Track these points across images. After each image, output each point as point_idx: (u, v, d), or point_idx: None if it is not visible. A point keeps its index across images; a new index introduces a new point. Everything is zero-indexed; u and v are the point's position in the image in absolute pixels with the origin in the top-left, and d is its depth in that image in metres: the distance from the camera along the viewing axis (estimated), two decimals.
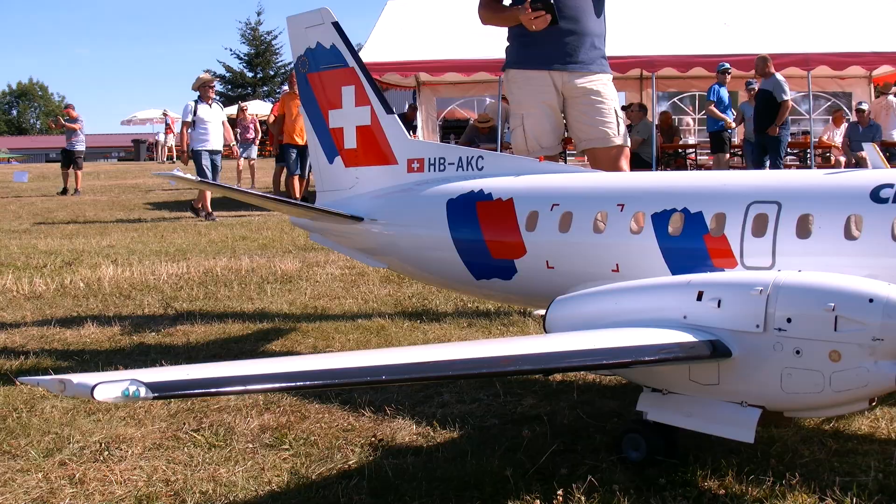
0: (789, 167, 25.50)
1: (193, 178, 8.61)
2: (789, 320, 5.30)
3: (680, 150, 25.82)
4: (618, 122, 9.62)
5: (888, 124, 25.01)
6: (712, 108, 22.52)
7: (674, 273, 6.53)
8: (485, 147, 22.85)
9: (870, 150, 7.04)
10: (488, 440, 6.53)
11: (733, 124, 22.61)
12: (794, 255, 6.21)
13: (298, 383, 4.52)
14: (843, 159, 22.78)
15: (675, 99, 32.25)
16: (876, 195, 6.09)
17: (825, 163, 24.61)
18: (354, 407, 7.33)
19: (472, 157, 8.38)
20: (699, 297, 5.65)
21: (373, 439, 6.62)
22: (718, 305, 5.56)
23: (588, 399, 7.44)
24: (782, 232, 6.26)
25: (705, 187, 6.91)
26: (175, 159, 55.12)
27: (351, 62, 9.28)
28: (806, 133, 26.52)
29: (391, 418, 7.09)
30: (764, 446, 6.22)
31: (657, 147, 23.42)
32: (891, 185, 6.11)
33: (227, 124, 24.08)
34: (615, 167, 9.55)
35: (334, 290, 12.50)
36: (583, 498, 5.37)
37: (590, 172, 8.24)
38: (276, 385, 4.50)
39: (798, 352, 5.28)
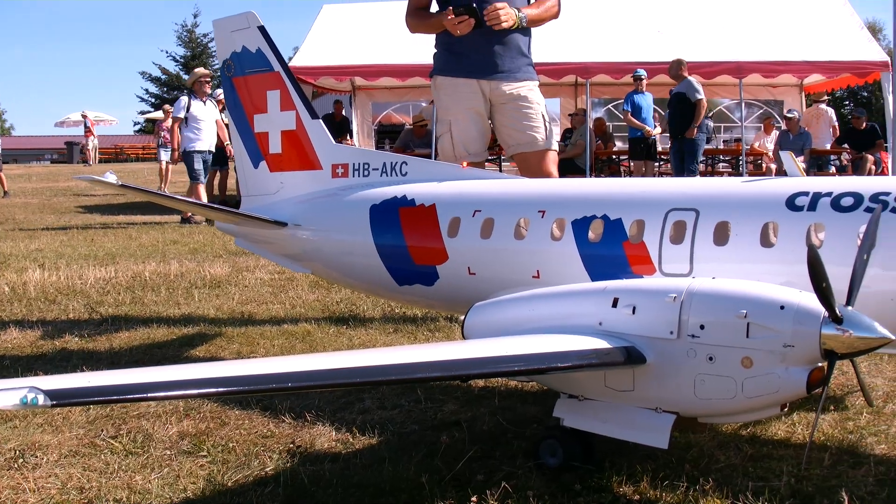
0: (721, 174, 25.77)
1: (114, 182, 8.48)
2: (702, 327, 5.34)
3: (613, 157, 25.96)
4: (545, 126, 9.66)
5: (819, 133, 25.31)
6: (629, 116, 22.64)
7: (594, 280, 6.55)
8: (419, 151, 22.89)
9: (786, 159, 7.13)
10: (407, 446, 6.51)
11: (652, 131, 22.65)
12: (712, 261, 6.27)
13: (199, 391, 4.50)
14: (773, 167, 22.99)
15: (609, 105, 32.49)
16: (791, 203, 6.18)
17: (757, 170, 24.84)
18: (275, 413, 7.28)
19: (397, 162, 8.38)
20: (614, 304, 5.68)
21: (291, 446, 6.60)
22: (633, 312, 5.58)
23: (509, 405, 7.45)
24: (700, 239, 6.32)
25: (625, 194, 6.95)
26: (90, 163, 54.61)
27: (276, 66, 9.23)
28: (738, 140, 26.79)
29: (311, 424, 7.05)
30: (680, 451, 6.26)
31: (592, 153, 23.55)
32: (806, 193, 6.19)
33: (222, 123, 22.57)
34: (544, 171, 9.58)
35: (263, 296, 12.42)
36: None
37: (512, 179, 8.25)
38: (177, 392, 4.47)
39: (711, 358, 5.32)
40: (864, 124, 23.43)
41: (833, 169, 23.81)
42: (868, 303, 5.78)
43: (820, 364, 5.23)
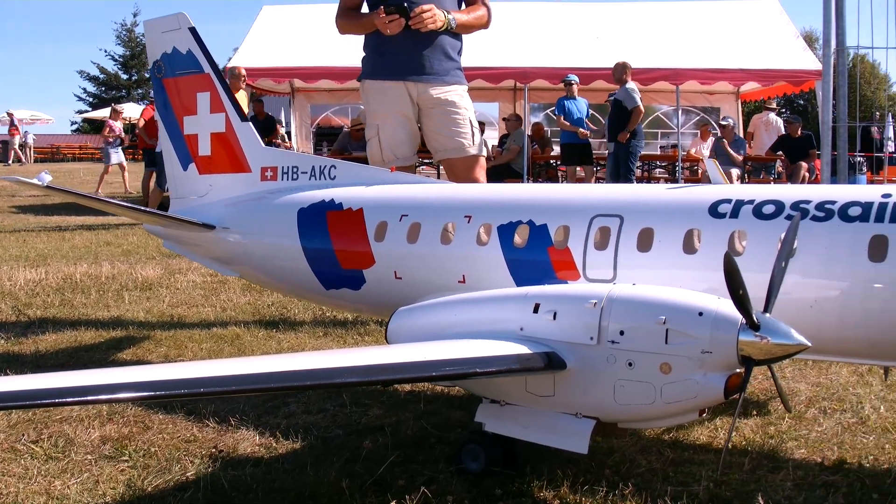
0: (658, 179, 25.95)
1: (39, 182, 8.37)
2: (622, 333, 5.37)
3: (551, 162, 26.05)
4: (473, 132, 9.67)
5: (763, 140, 25.54)
6: (561, 120, 22.72)
7: (519, 285, 6.56)
8: (357, 154, 22.80)
9: (710, 166, 7.18)
10: (330, 451, 6.49)
11: (586, 132, 22.65)
12: (636, 268, 6.32)
13: (120, 395, 4.45)
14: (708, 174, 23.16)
15: (548, 111, 32.58)
16: (714, 210, 6.24)
17: (693, 176, 25.02)
18: (199, 417, 7.23)
19: (325, 166, 8.35)
20: (536, 310, 5.69)
21: (214, 450, 6.55)
22: (554, 318, 5.60)
23: (435, 409, 7.45)
24: (624, 245, 6.36)
25: (551, 200, 6.98)
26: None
27: (207, 68, 9.17)
28: (675, 147, 26.99)
29: (235, 429, 7.01)
30: (602, 456, 6.29)
31: (529, 158, 23.58)
32: (728, 201, 6.25)
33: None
34: (471, 177, 9.60)
35: (194, 298, 12.33)
36: None
37: (440, 183, 8.26)
38: (98, 397, 4.42)
39: (630, 364, 5.35)
40: (800, 132, 23.67)
41: (774, 176, 24.08)
42: (788, 309, 5.85)
43: (738, 370, 5.28)
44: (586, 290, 5.73)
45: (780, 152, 23.93)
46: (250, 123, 9.04)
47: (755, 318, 5.14)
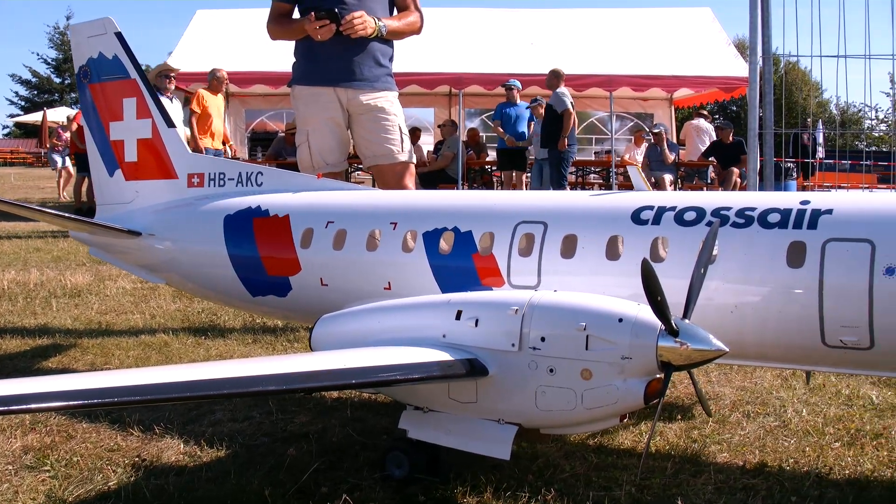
0: (592, 185, 26.10)
1: None
2: (543, 339, 5.40)
3: (487, 167, 26.11)
4: (402, 138, 9.68)
5: (695, 146, 25.74)
6: (498, 126, 22.77)
7: (444, 291, 6.58)
8: (292, 160, 22.68)
9: (633, 173, 7.24)
10: (254, 459, 6.46)
11: (514, 140, 22.65)
12: (559, 274, 6.36)
13: (40, 405, 4.43)
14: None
15: (483, 116, 32.69)
16: (637, 217, 6.30)
17: (627, 181, 25.19)
18: (123, 426, 7.17)
19: (252, 172, 8.32)
20: (458, 317, 5.71)
21: (137, 459, 6.49)
22: (476, 324, 5.62)
23: (361, 416, 7.44)
24: (548, 251, 6.40)
25: (476, 207, 7.00)
26: None
27: (133, 74, 9.09)
28: (608, 152, 27.18)
29: (159, 437, 6.95)
30: (527, 462, 6.32)
31: (463, 164, 23.61)
32: (651, 207, 6.31)
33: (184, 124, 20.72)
34: (400, 184, 9.61)
35: (123, 305, 12.22)
36: None
37: (366, 190, 8.24)
38: (18, 407, 4.37)
39: (552, 370, 5.38)
40: (731, 138, 23.89)
41: (707, 181, 24.28)
42: (709, 315, 5.93)
43: (658, 375, 5.33)
44: (508, 296, 5.76)
45: (713, 158, 24.14)
46: (177, 130, 8.97)
47: (674, 324, 5.19)
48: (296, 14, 9.67)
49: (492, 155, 25.65)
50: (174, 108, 19.71)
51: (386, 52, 9.78)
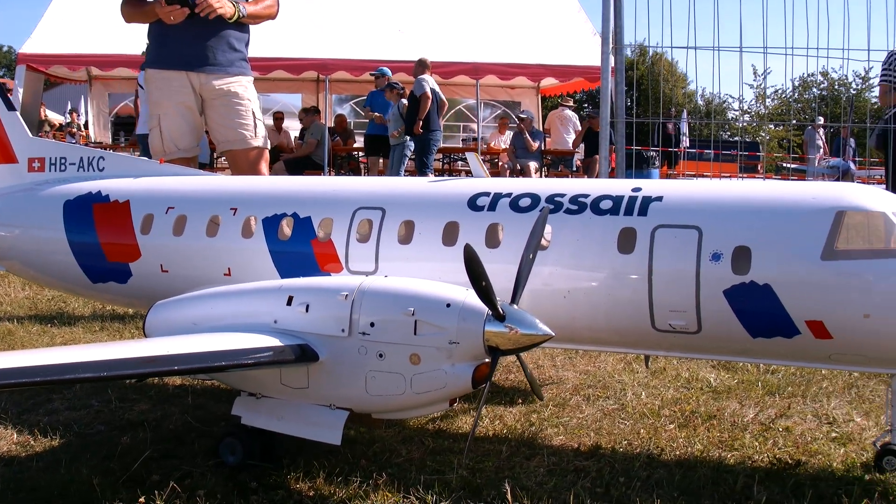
0: (459, 173, 26.19)
1: None
2: (373, 325, 5.44)
3: (354, 154, 26.01)
4: (256, 124, 9.62)
5: (560, 134, 25.98)
6: (369, 112, 22.72)
7: (283, 277, 6.57)
8: None
9: (472, 160, 7.31)
10: (88, 448, 6.37)
11: (385, 119, 22.55)
12: (397, 260, 6.40)
13: None
14: (508, 166, 23.47)
15: (351, 102, 32.55)
16: (473, 203, 6.36)
17: (493, 168, 25.34)
18: None
19: (93, 157, 8.18)
20: (289, 302, 5.71)
21: None
22: (307, 310, 5.63)
23: (202, 403, 7.40)
24: (385, 237, 6.44)
25: (316, 193, 7.00)
26: None
27: None
28: (475, 139, 27.33)
29: None
30: (363, 447, 6.35)
31: (329, 150, 23.47)
32: (487, 194, 6.39)
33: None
34: (254, 169, 9.56)
35: None
36: None
37: (208, 176, 8.18)
38: None
39: (381, 355, 5.43)
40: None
41: (573, 169, 24.54)
42: (543, 300, 6.03)
43: (486, 360, 5.40)
44: (338, 282, 5.79)
45: (583, 145, 24.41)
46: (17, 113, 8.76)
47: (500, 309, 5.27)
48: None
49: (360, 141, 25.56)
50: None
51: (241, 38, 9.71)
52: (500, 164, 24.62)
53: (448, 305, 5.36)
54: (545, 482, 5.83)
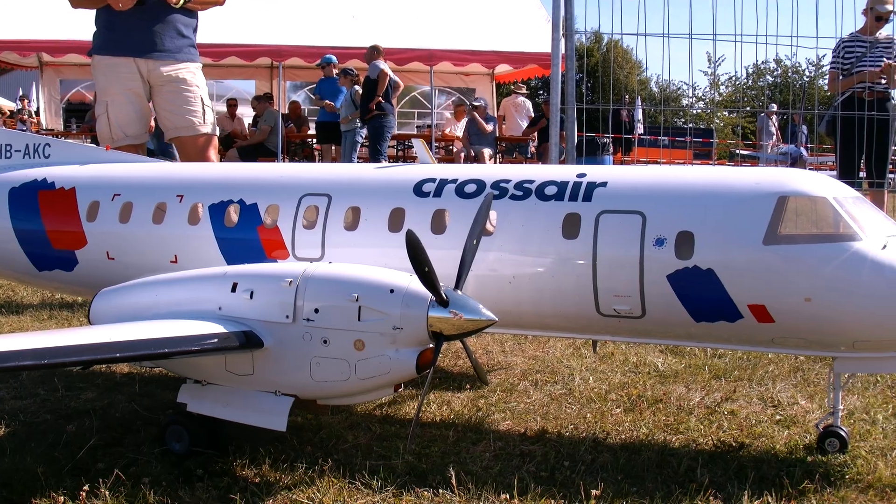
0: (414, 159, 26.14)
1: None
2: (317, 311, 5.45)
3: (308, 141, 25.93)
4: (204, 110, 9.60)
5: (515, 121, 26.00)
6: (318, 99, 22.63)
7: (230, 264, 6.55)
8: None
9: (418, 146, 7.34)
10: (34, 437, 6.33)
11: (336, 107, 22.43)
12: (343, 246, 6.42)
13: None
14: (462, 153, 23.50)
15: (306, 89, 32.39)
16: (419, 189, 6.38)
17: (448, 155, 25.34)
18: None
19: (39, 144, 8.12)
20: (233, 289, 5.70)
21: None
22: (251, 297, 5.62)
23: (150, 391, 7.37)
24: (332, 224, 6.45)
25: (262, 179, 6.99)
26: None
27: None
28: (430, 126, 27.31)
29: None
30: (310, 434, 6.35)
31: (283, 137, 23.37)
32: (433, 180, 6.41)
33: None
34: (202, 156, 9.55)
35: None
36: (107, 493, 5.27)
37: (154, 162, 8.14)
38: None
39: (325, 341, 5.43)
40: None
41: (528, 155, 24.58)
42: (489, 285, 6.06)
43: (430, 346, 5.42)
44: (282, 269, 5.78)
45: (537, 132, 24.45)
46: None
47: (444, 295, 5.29)
48: None
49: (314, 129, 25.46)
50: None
51: (189, 24, 9.69)
52: (454, 150, 24.64)
53: (392, 291, 5.38)
54: (490, 467, 5.85)
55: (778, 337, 5.79)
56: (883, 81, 12.38)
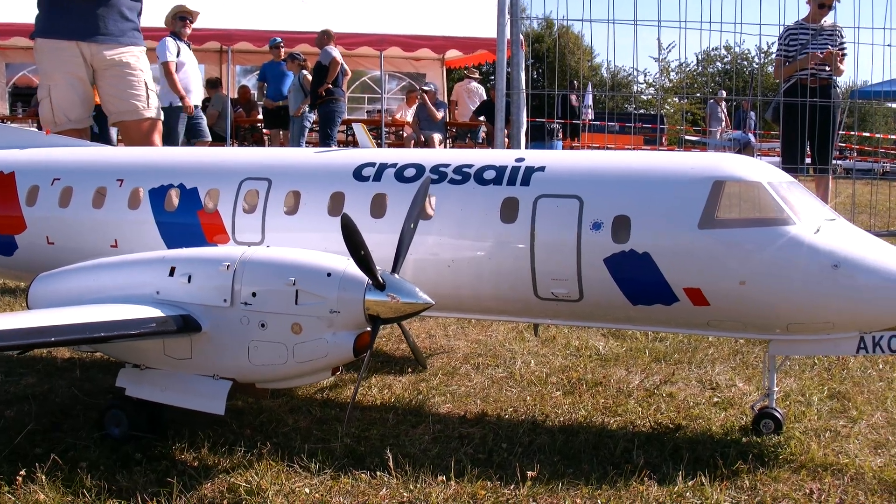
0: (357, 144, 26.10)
1: None
2: (255, 295, 5.46)
3: (257, 125, 25.83)
4: (148, 94, 9.57)
5: (467, 107, 26.02)
6: (261, 85, 22.57)
7: (170, 248, 6.55)
8: None
9: (358, 130, 7.36)
10: None
11: (272, 103, 22.39)
12: (283, 230, 6.45)
13: None
14: (413, 139, 23.53)
15: (255, 73, 32.22)
16: (359, 174, 6.41)
17: (398, 140, 25.37)
18: None
19: None
20: (171, 273, 5.70)
21: None
22: (189, 281, 5.63)
23: (91, 376, 7.35)
24: (272, 208, 6.46)
25: (203, 164, 7.00)
26: None
27: None
28: (380, 111, 27.30)
29: None
30: (250, 417, 6.38)
31: (232, 122, 23.27)
32: (373, 164, 6.44)
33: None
34: (146, 140, 9.52)
35: None
36: (44, 478, 5.26)
37: (94, 146, 8.12)
38: None
39: (263, 325, 5.45)
40: None
41: (479, 141, 24.64)
42: (427, 269, 6.11)
43: (367, 329, 5.45)
44: (220, 253, 5.80)
45: (483, 117, 24.48)
46: None
47: (380, 278, 5.32)
48: None
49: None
50: (190, 54, 16.37)
51: (133, 7, 9.65)
52: (404, 135, 24.67)
53: (329, 275, 5.40)
54: (429, 449, 5.89)
55: (713, 320, 5.87)
56: (827, 69, 12.51)
